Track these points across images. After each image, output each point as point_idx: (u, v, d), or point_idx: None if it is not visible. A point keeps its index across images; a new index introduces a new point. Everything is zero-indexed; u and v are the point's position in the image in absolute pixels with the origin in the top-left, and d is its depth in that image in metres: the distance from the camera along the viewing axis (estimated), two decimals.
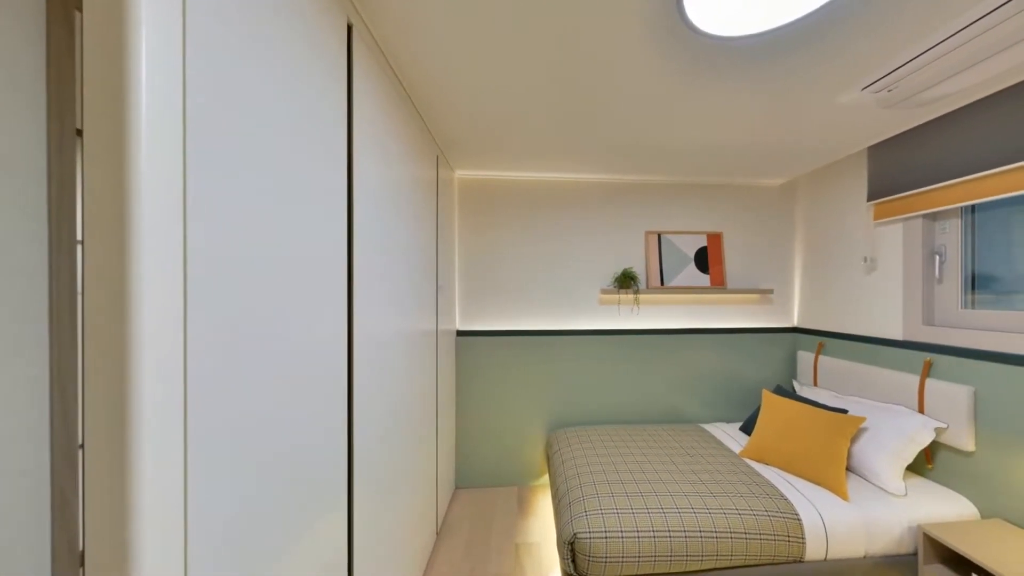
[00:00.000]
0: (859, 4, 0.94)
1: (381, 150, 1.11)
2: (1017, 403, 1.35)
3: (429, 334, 1.64)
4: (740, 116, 1.53)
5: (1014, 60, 1.15)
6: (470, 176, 2.32)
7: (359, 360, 0.96)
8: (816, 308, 2.28)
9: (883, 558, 1.40)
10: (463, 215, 2.31)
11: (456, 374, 2.27)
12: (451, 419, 2.14)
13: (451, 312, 2.13)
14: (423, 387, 1.55)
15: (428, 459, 1.63)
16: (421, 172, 1.54)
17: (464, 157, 2.03)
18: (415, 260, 1.45)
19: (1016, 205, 1.46)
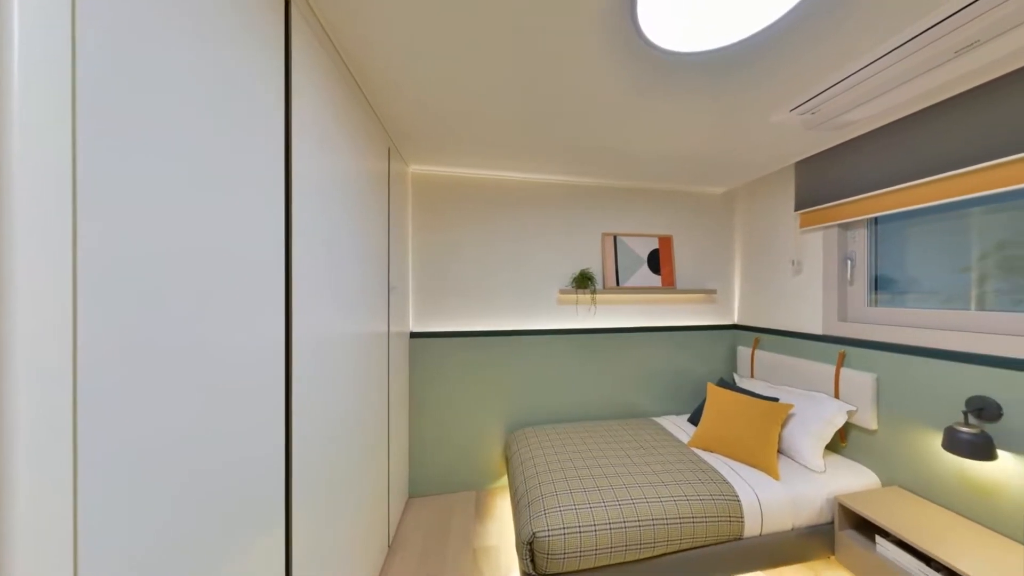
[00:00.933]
0: (787, 34, 1.05)
1: (325, 138, 1.03)
2: (909, 387, 1.59)
3: (380, 336, 1.57)
4: (688, 127, 1.64)
5: (911, 94, 1.35)
6: (425, 171, 2.24)
7: (299, 366, 0.89)
8: (752, 307, 2.52)
9: (807, 528, 1.57)
10: (418, 212, 2.23)
11: (410, 377, 2.19)
12: (404, 425, 2.06)
13: (404, 313, 2.05)
14: (373, 392, 1.48)
15: (378, 469, 1.56)
16: (371, 164, 1.45)
17: (418, 151, 1.95)
18: (365, 258, 1.38)
19: (909, 218, 1.71)
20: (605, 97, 1.39)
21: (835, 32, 1.05)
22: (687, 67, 1.20)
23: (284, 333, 0.83)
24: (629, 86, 1.31)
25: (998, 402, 1.31)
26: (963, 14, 0.97)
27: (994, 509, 1.34)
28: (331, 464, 1.08)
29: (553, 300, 2.41)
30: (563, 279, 2.43)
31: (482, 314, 2.30)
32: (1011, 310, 1.37)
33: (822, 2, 0.94)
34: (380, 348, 1.57)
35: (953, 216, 1.55)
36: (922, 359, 1.54)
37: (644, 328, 2.52)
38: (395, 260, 1.83)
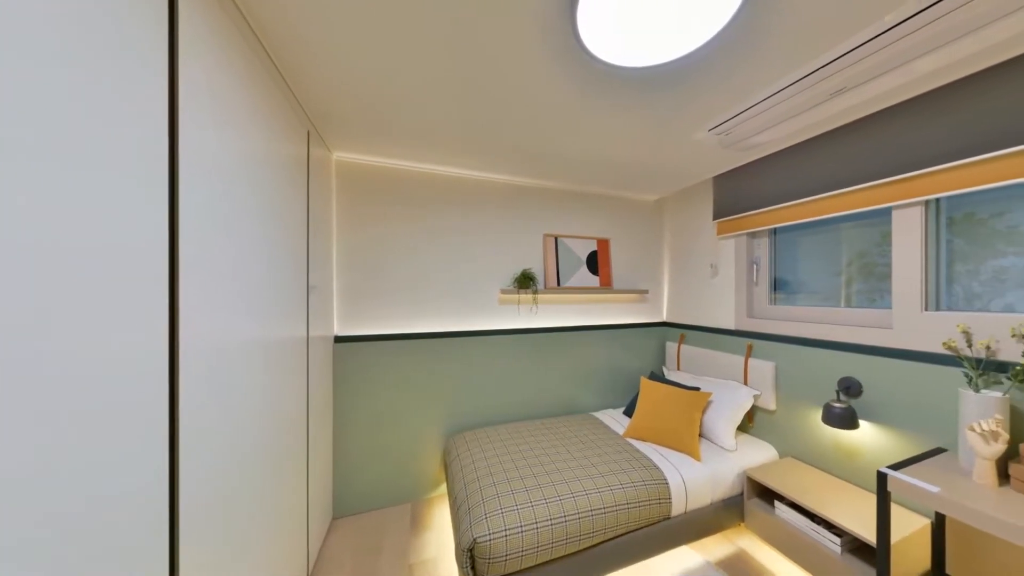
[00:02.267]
0: (705, 65, 1.20)
1: (225, 111, 0.90)
2: (800, 373, 1.90)
3: (297, 342, 1.42)
4: (625, 136, 1.76)
5: (800, 125, 1.61)
6: (353, 160, 2.06)
7: (189, 379, 0.77)
8: (679, 305, 2.80)
9: (722, 501, 1.79)
10: (343, 204, 2.05)
11: (334, 386, 2.01)
12: (327, 439, 1.90)
13: (327, 315, 1.88)
14: (289, 405, 1.33)
15: (295, 491, 1.39)
16: (286, 147, 1.30)
17: (345, 138, 1.80)
18: (279, 253, 1.23)
19: (799, 229, 2.04)
20: (548, 100, 1.44)
21: (742, 68, 1.22)
22: (623, 80, 1.30)
23: (168, 341, 0.70)
24: (571, 91, 1.38)
25: (860, 381, 1.62)
26: (832, 66, 1.20)
27: (856, 468, 1.66)
28: (232, 492, 0.93)
29: (494, 300, 2.39)
30: (505, 279, 2.43)
31: (417, 315, 2.20)
32: (868, 306, 1.71)
33: (731, 43, 1.09)
34: (297, 355, 1.42)
35: (830, 229, 1.89)
36: (808, 348, 1.85)
37: (583, 327, 2.64)
38: (316, 256, 1.66)
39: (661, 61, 1.14)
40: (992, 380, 1.24)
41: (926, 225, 1.48)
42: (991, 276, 1.37)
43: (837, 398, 1.66)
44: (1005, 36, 1.07)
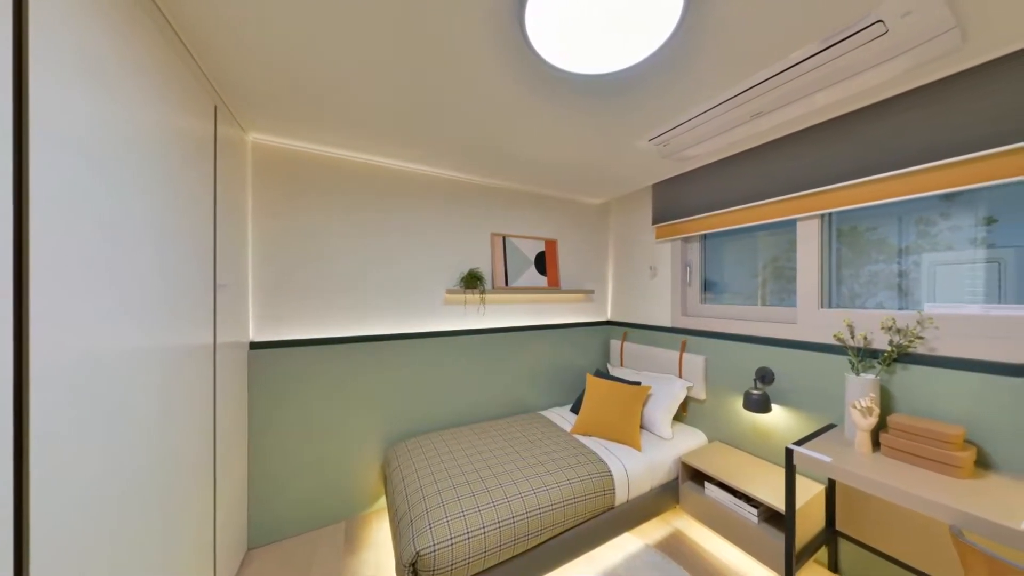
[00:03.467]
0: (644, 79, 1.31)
1: (98, 73, 0.76)
2: (726, 365, 2.15)
3: (201, 350, 1.26)
4: (571, 139, 1.83)
5: (731, 140, 1.83)
6: (275, 144, 1.87)
7: (44, 400, 0.63)
8: (622, 305, 3.00)
9: (660, 487, 1.96)
10: (262, 191, 1.84)
11: (250, 399, 1.81)
12: (241, 460, 1.71)
13: (240, 318, 1.69)
14: (188, 423, 1.17)
15: (197, 522, 1.24)
16: (185, 122, 1.14)
17: (264, 117, 1.62)
18: (175, 247, 1.08)
19: (724, 235, 2.31)
20: (495, 97, 1.45)
21: (678, 85, 1.35)
22: (570, 85, 1.37)
23: (12, 351, 0.59)
24: (519, 91, 1.40)
25: (773, 370, 1.89)
26: (751, 92, 1.39)
27: (769, 447, 1.93)
28: (109, 537, 0.79)
29: (439, 300, 2.34)
30: (451, 278, 2.38)
31: (353, 317, 2.07)
32: (778, 305, 2.00)
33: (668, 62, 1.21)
34: (201, 364, 1.26)
35: (750, 236, 2.17)
36: (732, 342, 2.10)
37: (532, 327, 2.70)
38: (226, 250, 1.49)
39: (604, 71, 1.21)
40: (868, 365, 1.52)
41: (822, 236, 1.77)
42: (867, 279, 1.68)
43: (755, 386, 1.91)
44: (877, 81, 1.33)
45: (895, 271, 1.60)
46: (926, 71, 1.29)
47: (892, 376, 1.48)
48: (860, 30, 1.08)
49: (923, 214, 1.52)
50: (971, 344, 1.31)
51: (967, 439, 1.30)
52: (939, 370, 1.37)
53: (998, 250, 1.35)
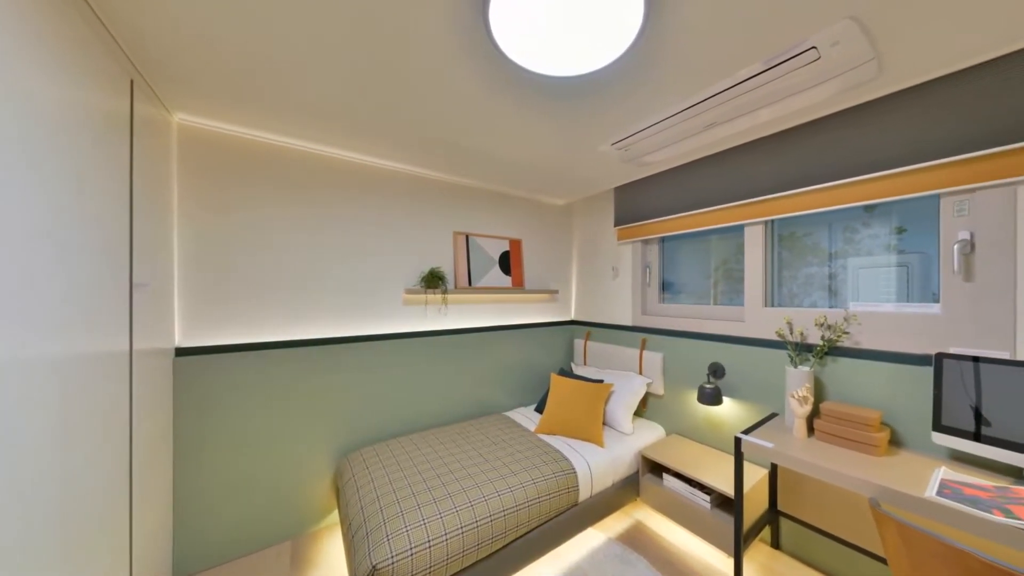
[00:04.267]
0: (607, 86, 1.39)
1: None
2: (682, 362, 2.30)
3: (113, 357, 1.13)
4: (535, 139, 1.87)
5: (687, 148, 1.96)
6: (204, 127, 1.71)
7: None
8: (585, 304, 3.11)
9: (622, 481, 2.06)
10: (189, 181, 1.68)
11: (176, 412, 1.65)
12: (164, 481, 1.54)
13: (163, 322, 1.52)
14: (95, 444, 1.04)
15: (110, 557, 1.10)
16: (91, 96, 1.01)
17: (191, 96, 1.47)
18: (78, 240, 0.96)
19: (681, 238, 2.48)
20: (458, 92, 1.43)
21: (638, 93, 1.44)
22: (535, 86, 1.40)
23: None
24: (481, 87, 1.39)
25: (724, 365, 2.06)
26: (704, 104, 1.51)
27: (721, 437, 2.09)
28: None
29: (398, 300, 2.28)
30: (410, 277, 2.32)
31: (301, 319, 1.95)
32: (728, 304, 2.18)
33: (630, 70, 1.29)
34: (113, 375, 1.13)
35: (704, 240, 2.35)
36: (688, 340, 2.26)
37: (496, 327, 2.71)
38: (145, 245, 1.34)
39: (569, 73, 1.25)
40: (804, 358, 1.70)
41: (766, 240, 1.95)
42: (804, 280, 1.88)
43: (708, 380, 2.07)
44: (812, 102, 1.50)
45: (826, 273, 1.80)
46: (851, 95, 1.47)
47: (824, 368, 1.67)
48: (797, 55, 1.21)
49: (849, 223, 1.73)
50: (886, 338, 1.52)
51: (883, 421, 1.50)
52: (861, 361, 1.56)
53: (907, 255, 1.57)
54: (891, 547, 1.03)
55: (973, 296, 1.33)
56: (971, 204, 1.34)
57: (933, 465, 1.29)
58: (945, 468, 1.26)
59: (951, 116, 1.33)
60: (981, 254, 1.31)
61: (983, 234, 1.30)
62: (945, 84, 1.34)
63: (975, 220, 1.33)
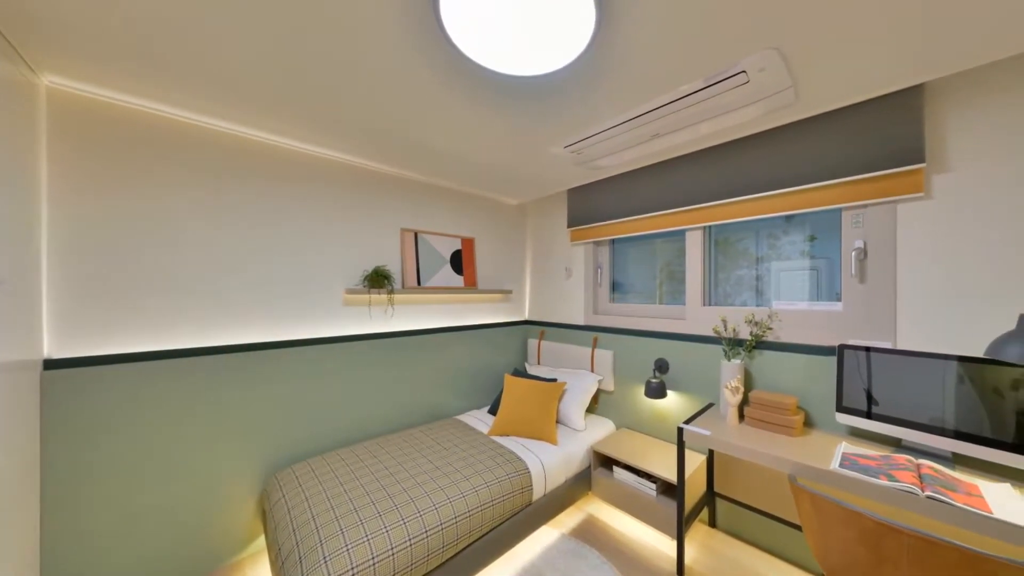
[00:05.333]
0: (565, 85, 1.47)
1: None
2: (630, 358, 2.48)
3: None
4: (488, 137, 1.87)
5: (636, 155, 2.12)
6: (86, 94, 1.49)
7: None
8: (539, 304, 3.21)
9: (575, 476, 2.17)
10: (65, 158, 1.45)
11: (44, 437, 1.40)
12: (27, 522, 1.30)
13: (27, 328, 1.30)
14: None
15: None
16: None
17: (65, 54, 1.26)
18: None
19: (630, 241, 2.66)
20: (405, 82, 1.40)
21: (589, 100, 1.54)
22: (489, 82, 1.42)
23: None
24: (432, 78, 1.37)
25: (668, 360, 2.25)
26: (650, 115, 1.65)
27: (665, 428, 2.29)
28: None
29: (337, 301, 2.17)
30: (352, 276, 2.22)
31: (218, 322, 1.76)
32: (672, 303, 2.39)
33: (582, 76, 1.38)
34: None
35: (650, 243, 2.55)
36: (636, 337, 2.44)
37: (447, 328, 2.69)
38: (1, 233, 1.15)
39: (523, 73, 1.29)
40: (735, 352, 1.93)
41: (704, 245, 2.18)
42: (735, 281, 2.13)
43: (654, 375, 2.25)
44: (742, 120, 1.70)
45: (754, 275, 2.06)
46: (774, 117, 1.70)
47: (753, 360, 1.90)
48: (730, 76, 1.38)
49: (772, 231, 2.00)
50: (801, 332, 1.77)
51: (799, 406, 1.75)
52: (782, 353, 1.81)
53: (817, 260, 1.84)
54: (805, 515, 1.22)
55: (866, 296, 1.60)
56: (864, 217, 1.61)
57: (837, 441, 1.54)
58: (846, 443, 1.51)
59: (850, 142, 1.59)
60: (871, 260, 1.59)
61: (873, 243, 1.58)
62: (847, 114, 1.60)
63: (867, 231, 1.60)
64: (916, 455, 1.39)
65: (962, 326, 1.38)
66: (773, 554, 1.85)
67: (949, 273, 1.41)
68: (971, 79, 1.36)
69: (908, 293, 1.49)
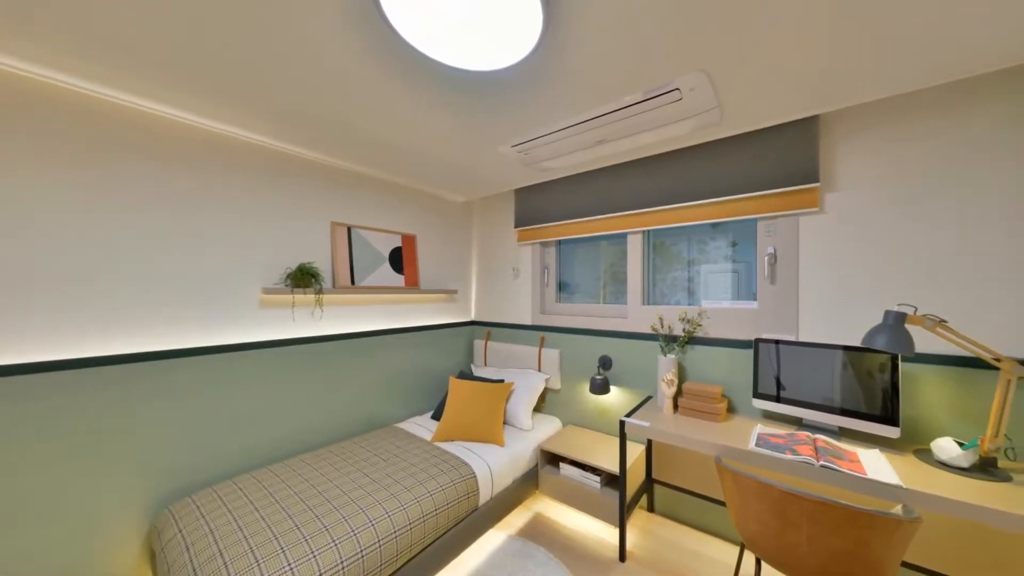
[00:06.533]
0: (513, 84, 1.55)
1: None
2: (576, 356, 2.64)
3: None
4: (433, 131, 1.88)
5: (582, 159, 2.26)
6: None
7: None
8: (486, 304, 3.28)
9: (522, 476, 2.26)
10: None
11: None
12: None
13: None
14: None
15: None
16: None
17: None
18: None
19: (576, 242, 2.84)
20: (339, 63, 1.35)
21: (537, 102, 1.64)
22: (434, 74, 1.43)
23: None
24: (371, 63, 1.35)
25: (611, 357, 2.45)
26: (595, 122, 1.80)
27: (608, 422, 2.49)
28: None
29: (253, 302, 2.00)
30: (271, 274, 2.06)
31: (89, 330, 1.54)
32: (615, 302, 2.60)
33: (529, 78, 1.47)
34: None
35: (595, 244, 2.74)
36: (581, 336, 2.61)
37: (387, 331, 2.62)
38: None
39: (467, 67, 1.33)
40: (671, 348, 2.16)
41: (644, 248, 2.40)
42: (671, 282, 2.38)
43: (598, 372, 2.44)
44: (677, 133, 1.92)
45: (686, 277, 2.32)
46: (704, 133, 1.94)
47: (685, 355, 2.15)
48: (666, 92, 1.56)
49: (701, 236, 2.27)
50: (725, 328, 2.05)
51: (723, 394, 2.02)
52: (710, 347, 2.07)
53: (738, 264, 2.14)
54: (728, 492, 1.43)
55: (776, 295, 1.90)
56: (775, 227, 1.91)
57: (754, 424, 1.81)
58: (760, 425, 1.79)
59: (764, 160, 1.88)
60: (780, 265, 1.89)
61: (781, 250, 1.88)
62: (762, 136, 1.88)
63: (777, 239, 1.90)
64: (813, 431, 1.70)
65: (848, 321, 1.71)
66: (703, 530, 2.11)
67: (838, 276, 1.73)
68: (855, 114, 1.69)
69: (807, 293, 1.81)
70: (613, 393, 2.45)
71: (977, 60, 1.36)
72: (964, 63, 1.37)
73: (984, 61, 1.36)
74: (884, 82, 1.50)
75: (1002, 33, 1.22)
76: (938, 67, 1.40)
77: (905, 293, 1.59)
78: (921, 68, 1.41)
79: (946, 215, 1.52)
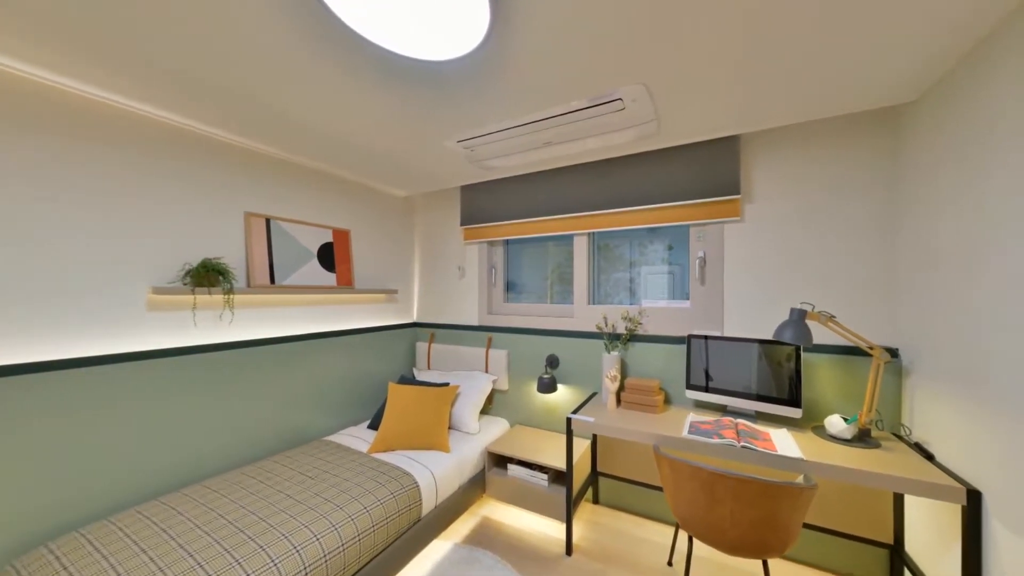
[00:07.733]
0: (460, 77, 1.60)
1: None
2: (523, 356, 2.77)
3: None
4: (373, 119, 1.84)
5: (529, 160, 2.38)
6: None
7: None
8: (429, 305, 3.29)
9: (468, 481, 2.32)
10: None
11: None
12: None
13: None
14: None
15: None
16: None
17: None
18: None
19: (524, 242, 2.96)
20: (246, 28, 1.24)
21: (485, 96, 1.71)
22: (370, 55, 1.36)
23: None
24: (294, 40, 1.29)
25: (558, 356, 2.61)
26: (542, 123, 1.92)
27: (556, 420, 2.65)
28: None
29: (140, 304, 1.78)
30: (165, 271, 1.85)
31: None
32: (562, 302, 2.77)
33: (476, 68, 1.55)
34: None
35: (542, 245, 2.88)
36: (529, 336, 2.74)
37: (315, 334, 2.49)
38: None
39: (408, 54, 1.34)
40: (614, 345, 2.37)
41: (589, 249, 2.59)
42: (614, 283, 2.60)
43: (545, 371, 2.58)
44: (620, 141, 2.12)
45: (628, 278, 2.55)
46: (644, 143, 2.16)
47: (628, 351, 2.37)
48: (609, 101, 1.72)
49: (641, 239, 2.51)
50: (663, 326, 2.30)
51: (661, 387, 2.26)
52: (649, 344, 2.31)
53: (673, 266, 2.40)
54: (664, 477, 1.63)
55: (705, 295, 2.18)
56: (705, 233, 2.19)
57: (687, 413, 2.07)
58: (692, 414, 2.04)
59: (695, 172, 2.14)
60: (709, 267, 2.17)
61: (710, 254, 2.16)
62: (694, 149, 2.15)
63: (706, 244, 2.18)
64: (736, 416, 1.98)
65: (763, 317, 2.02)
66: (643, 516, 2.35)
67: (755, 278, 2.04)
68: (768, 136, 2.00)
69: (731, 293, 2.10)
70: (560, 391, 2.62)
71: (861, 99, 1.69)
72: (850, 101, 1.71)
73: (866, 101, 1.71)
74: (791, 111, 1.80)
75: (875, 80, 1.54)
76: (828, 103, 1.73)
77: (805, 292, 1.93)
78: (817, 102, 1.72)
79: (834, 225, 1.88)
